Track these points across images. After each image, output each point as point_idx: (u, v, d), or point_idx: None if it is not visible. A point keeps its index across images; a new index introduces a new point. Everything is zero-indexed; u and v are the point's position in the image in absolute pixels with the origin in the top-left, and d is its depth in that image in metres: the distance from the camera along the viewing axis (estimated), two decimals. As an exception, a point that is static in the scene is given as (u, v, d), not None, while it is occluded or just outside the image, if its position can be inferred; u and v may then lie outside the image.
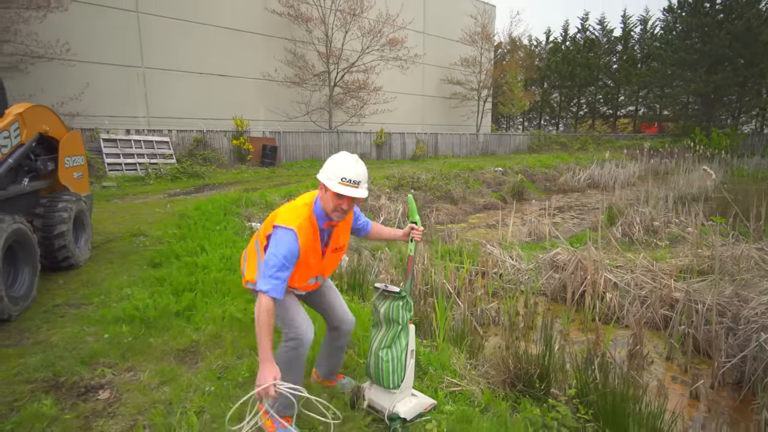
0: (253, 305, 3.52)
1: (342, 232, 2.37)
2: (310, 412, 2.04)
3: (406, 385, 2.31)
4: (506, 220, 13.18)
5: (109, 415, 2.36)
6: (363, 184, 2.15)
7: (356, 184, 2.11)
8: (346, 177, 2.08)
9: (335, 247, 2.37)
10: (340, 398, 2.49)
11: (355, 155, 2.21)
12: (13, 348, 3.07)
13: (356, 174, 2.11)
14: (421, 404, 2.37)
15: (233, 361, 2.86)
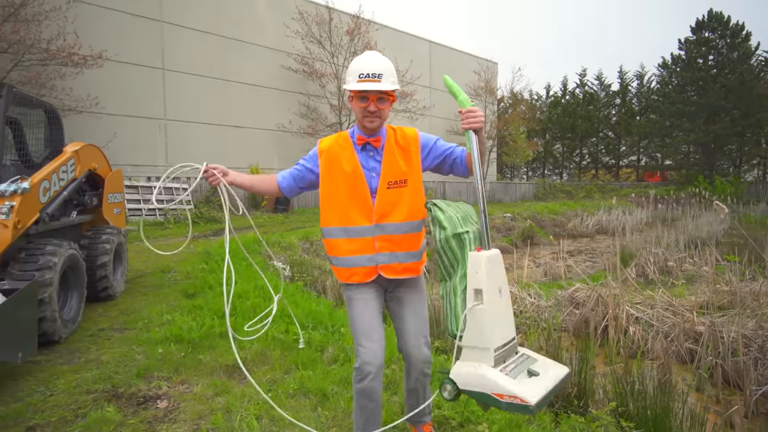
0: (294, 328, 3.65)
1: (397, 160, 1.89)
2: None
3: (471, 340, 1.59)
4: (519, 262, 13.25)
5: (171, 421, 2.46)
6: (387, 77, 1.82)
7: (377, 77, 1.80)
8: (363, 72, 1.81)
9: (392, 181, 1.87)
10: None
11: (375, 51, 1.95)
12: (67, 365, 3.19)
13: (374, 67, 1.81)
14: (495, 384, 1.49)
15: (281, 376, 2.97)
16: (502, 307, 1.64)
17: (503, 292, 1.65)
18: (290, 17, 19.24)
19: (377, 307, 1.94)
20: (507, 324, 1.66)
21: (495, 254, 1.67)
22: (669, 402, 2.81)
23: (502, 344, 1.60)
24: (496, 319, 1.59)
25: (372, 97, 1.82)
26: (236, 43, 18.78)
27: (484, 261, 1.58)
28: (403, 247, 1.89)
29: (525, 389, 1.46)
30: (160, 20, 16.94)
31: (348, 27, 19.55)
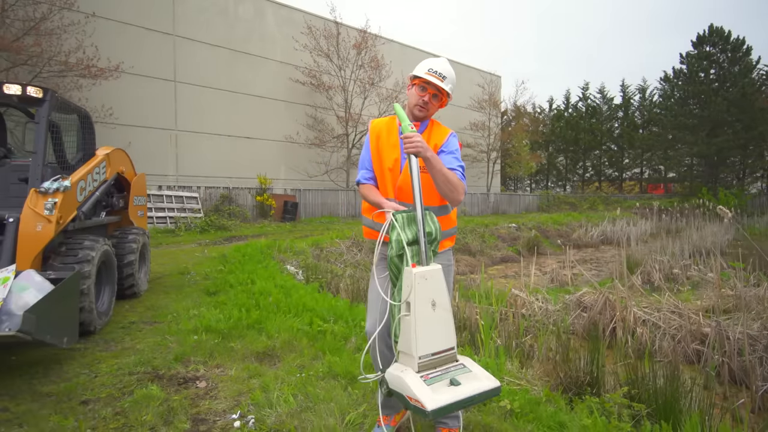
0: (317, 320, 3.84)
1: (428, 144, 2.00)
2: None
3: (402, 346, 1.75)
4: (525, 270, 13.39)
5: (212, 398, 2.63)
6: (448, 81, 2.05)
7: (442, 77, 2.03)
8: (433, 68, 2.03)
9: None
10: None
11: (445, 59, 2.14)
12: (106, 352, 3.37)
13: (443, 68, 2.05)
14: (408, 387, 1.63)
15: (310, 362, 3.14)
16: (434, 319, 1.74)
17: (438, 306, 1.76)
18: (299, 32, 19.70)
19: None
20: (440, 335, 1.76)
21: (429, 270, 1.77)
22: (678, 389, 2.96)
23: (431, 353, 1.72)
24: (425, 329, 1.71)
25: (430, 90, 2.03)
26: (246, 57, 19.21)
27: (415, 277, 1.71)
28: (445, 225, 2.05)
29: (428, 396, 1.58)
30: (173, 34, 17.39)
31: (355, 41, 19.97)
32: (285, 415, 2.37)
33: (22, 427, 2.26)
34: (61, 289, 3.01)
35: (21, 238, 3.41)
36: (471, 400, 1.67)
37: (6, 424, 2.28)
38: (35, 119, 3.92)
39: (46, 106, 3.86)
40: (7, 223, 3.47)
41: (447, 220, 2.14)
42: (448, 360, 1.77)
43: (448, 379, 1.69)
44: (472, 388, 1.67)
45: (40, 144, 3.83)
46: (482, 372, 1.77)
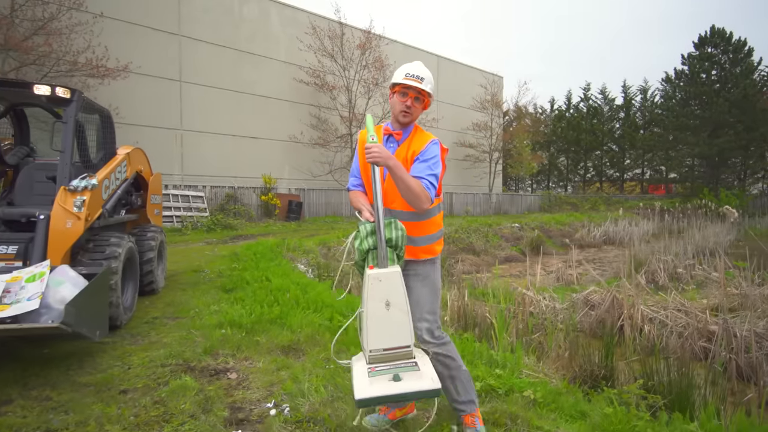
0: (337, 315, 3.94)
1: (408, 155, 2.14)
2: None
3: (361, 338, 1.93)
4: (530, 269, 13.48)
5: (244, 388, 2.73)
6: (427, 82, 2.14)
7: (420, 79, 2.13)
8: (410, 72, 2.14)
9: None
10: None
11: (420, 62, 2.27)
12: (134, 346, 3.47)
13: (419, 71, 2.16)
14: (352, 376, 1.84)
15: (336, 354, 3.24)
16: (387, 318, 1.86)
17: (392, 306, 1.87)
18: (303, 32, 19.79)
19: None
20: (393, 333, 1.88)
21: (384, 273, 1.89)
22: (692, 383, 3.06)
23: (382, 348, 1.86)
24: (376, 326, 1.85)
25: (411, 94, 2.12)
26: (250, 57, 19.31)
27: (369, 278, 1.87)
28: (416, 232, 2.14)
29: (361, 386, 1.75)
30: (179, 34, 17.49)
31: (360, 41, 20.07)
32: (318, 403, 2.47)
33: (68, 414, 2.36)
34: (94, 284, 3.11)
35: (52, 234, 3.51)
36: (404, 396, 1.80)
37: (53, 412, 2.38)
38: (63, 119, 4.02)
39: (73, 106, 3.96)
40: (38, 220, 3.57)
41: (424, 226, 2.17)
42: (401, 356, 1.88)
43: (392, 374, 1.80)
44: (409, 386, 1.77)
45: (67, 143, 3.93)
46: (429, 372, 1.85)
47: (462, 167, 29.04)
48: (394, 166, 1.93)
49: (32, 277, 3.01)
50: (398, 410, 2.34)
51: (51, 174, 4.47)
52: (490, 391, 2.69)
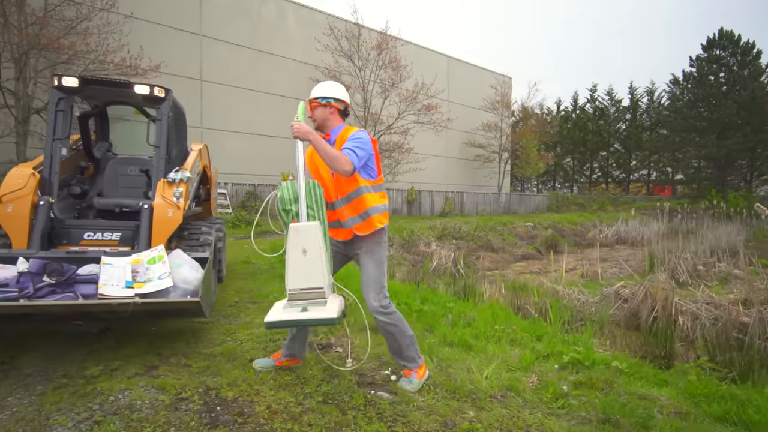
0: (408, 300, 4.23)
1: (339, 147, 2.53)
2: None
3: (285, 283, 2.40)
4: (548, 267, 13.80)
5: (355, 359, 3.04)
6: (312, 93, 2.68)
7: (316, 95, 2.66)
8: (312, 95, 2.70)
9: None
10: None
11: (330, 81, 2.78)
12: (233, 325, 3.78)
13: (317, 91, 2.68)
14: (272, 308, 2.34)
15: (422, 333, 3.55)
16: (304, 263, 2.31)
17: (308, 253, 2.31)
18: (320, 32, 20.10)
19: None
20: (308, 275, 2.31)
21: (304, 225, 2.35)
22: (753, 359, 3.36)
23: (299, 288, 2.31)
24: (294, 269, 2.33)
25: (309, 107, 2.68)
26: (268, 56, 19.62)
27: (291, 230, 2.34)
28: (355, 211, 2.59)
29: (274, 314, 2.28)
30: (200, 34, 17.81)
31: (377, 42, 20.38)
32: (432, 370, 2.78)
33: (216, 377, 2.67)
34: (209, 267, 3.42)
35: (156, 223, 3.82)
36: (303, 322, 2.28)
37: (199, 375, 2.68)
38: (157, 116, 4.32)
39: (166, 104, 4.27)
40: (143, 209, 3.87)
41: (357, 205, 2.58)
42: (316, 296, 2.33)
43: (301, 307, 2.27)
44: (310, 315, 2.23)
45: (162, 139, 4.23)
46: (333, 308, 2.28)
47: (472, 167, 29.35)
48: (314, 140, 2.37)
49: (152, 259, 3.31)
50: (285, 360, 2.82)
51: (136, 168, 4.80)
52: (577, 363, 2.99)
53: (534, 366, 2.94)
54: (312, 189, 2.49)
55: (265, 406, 2.31)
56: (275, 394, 2.46)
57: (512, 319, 4.07)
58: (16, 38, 11.37)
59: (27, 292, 2.73)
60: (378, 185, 2.68)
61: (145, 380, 2.57)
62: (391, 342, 2.66)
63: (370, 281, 2.58)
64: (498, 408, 2.40)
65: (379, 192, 2.69)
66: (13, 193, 3.53)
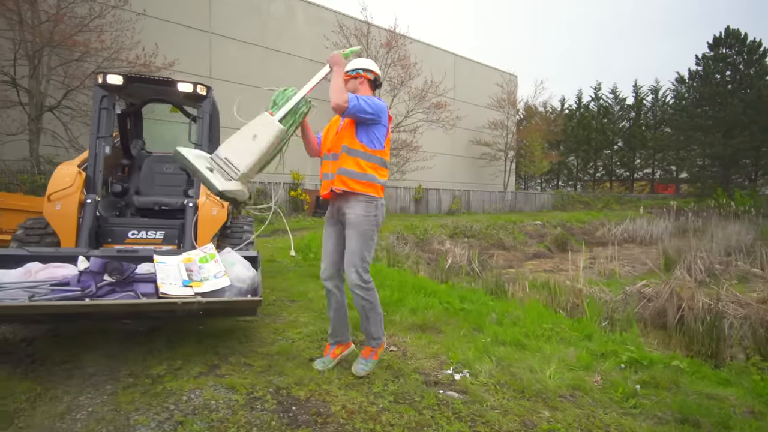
0: (449, 299, 4.23)
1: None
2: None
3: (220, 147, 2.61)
4: (561, 265, 13.79)
5: (412, 358, 3.03)
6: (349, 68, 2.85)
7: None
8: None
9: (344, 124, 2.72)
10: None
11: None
12: (278, 324, 3.76)
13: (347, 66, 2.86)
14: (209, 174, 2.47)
15: (470, 332, 3.54)
16: (245, 143, 2.51)
17: (256, 140, 2.51)
18: (329, 30, 20.06)
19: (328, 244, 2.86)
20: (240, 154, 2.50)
21: (270, 119, 2.56)
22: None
23: (224, 157, 2.49)
24: (236, 141, 2.53)
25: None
26: (277, 54, 19.59)
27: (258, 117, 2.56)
28: (332, 168, 2.73)
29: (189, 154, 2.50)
30: (209, 31, 17.77)
31: (386, 39, 20.35)
32: (493, 370, 2.77)
33: (281, 376, 2.66)
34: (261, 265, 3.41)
35: (201, 221, 3.81)
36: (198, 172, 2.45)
37: (263, 375, 2.67)
38: (198, 114, 4.31)
39: (208, 102, 4.26)
40: (187, 208, 3.86)
41: (360, 164, 2.65)
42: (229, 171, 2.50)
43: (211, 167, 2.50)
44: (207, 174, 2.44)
45: (204, 136, 4.22)
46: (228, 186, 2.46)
47: (478, 165, 29.32)
48: (336, 71, 2.61)
49: (204, 258, 3.30)
50: (338, 347, 2.87)
51: (171, 166, 4.78)
52: (635, 362, 2.99)
53: (593, 365, 2.93)
54: (301, 104, 2.71)
55: (340, 406, 2.31)
56: (346, 394, 2.45)
57: (558, 318, 4.06)
58: (30, 36, 11.34)
59: (89, 291, 2.71)
60: (376, 156, 2.69)
61: (213, 380, 2.56)
62: (362, 317, 2.71)
63: (352, 254, 2.61)
64: (571, 408, 2.39)
65: (374, 163, 2.69)
66: (61, 192, 3.53)
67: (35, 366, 2.72)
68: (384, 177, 2.77)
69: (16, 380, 2.49)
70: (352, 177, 2.64)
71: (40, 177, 11.67)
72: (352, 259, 2.61)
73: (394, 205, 21.70)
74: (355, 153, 2.64)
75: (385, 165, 2.76)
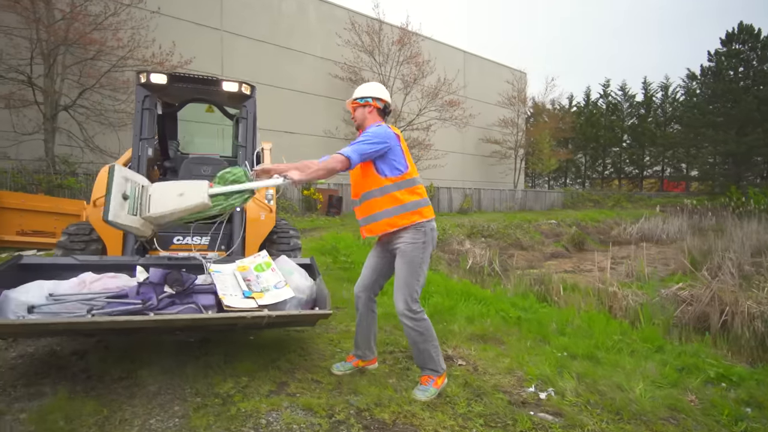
0: (505, 306, 4.06)
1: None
2: None
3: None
4: (580, 265, 13.59)
5: (485, 374, 2.86)
6: (353, 95, 2.78)
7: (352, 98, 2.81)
8: (353, 96, 2.82)
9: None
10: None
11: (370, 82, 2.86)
12: (330, 334, 3.60)
13: (356, 92, 2.78)
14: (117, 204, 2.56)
15: (536, 343, 3.37)
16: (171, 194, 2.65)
17: (182, 198, 2.62)
18: (341, 27, 19.88)
19: (371, 262, 2.80)
20: (161, 199, 2.65)
21: (202, 188, 2.64)
22: None
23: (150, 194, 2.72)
24: (164, 189, 2.71)
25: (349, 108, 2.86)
26: (288, 52, 19.42)
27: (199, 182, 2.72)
28: (364, 213, 2.65)
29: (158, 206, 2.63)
30: (221, 29, 17.61)
31: (398, 37, 20.16)
32: (578, 388, 2.60)
33: (356, 395, 2.49)
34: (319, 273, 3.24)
35: (249, 226, 3.65)
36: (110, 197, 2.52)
37: (337, 393, 2.51)
38: (242, 114, 4.14)
39: (252, 101, 4.09)
40: (235, 212, 3.70)
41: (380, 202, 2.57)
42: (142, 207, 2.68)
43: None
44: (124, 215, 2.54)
45: (249, 137, 4.06)
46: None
47: (488, 164, 29.10)
48: (301, 174, 2.47)
49: (259, 266, 3.12)
50: (360, 361, 2.83)
51: (209, 168, 4.62)
52: (722, 378, 2.81)
53: (680, 382, 2.76)
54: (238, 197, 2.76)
55: (431, 431, 2.14)
56: (432, 416, 2.28)
57: (622, 326, 3.88)
58: (45, 34, 11.20)
59: (151, 304, 2.55)
60: (405, 180, 2.56)
61: (286, 400, 2.40)
62: (414, 348, 2.58)
63: (400, 283, 2.53)
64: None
65: (408, 187, 2.57)
66: (107, 196, 3.36)
67: (93, 382, 2.57)
68: (423, 195, 2.64)
69: (79, 400, 2.34)
70: (396, 214, 2.55)
71: (56, 177, 11.55)
72: (400, 288, 2.53)
73: (406, 204, 21.50)
74: (386, 189, 2.55)
75: (416, 182, 2.63)
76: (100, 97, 12.51)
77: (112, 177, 2.51)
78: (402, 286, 2.52)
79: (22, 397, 2.38)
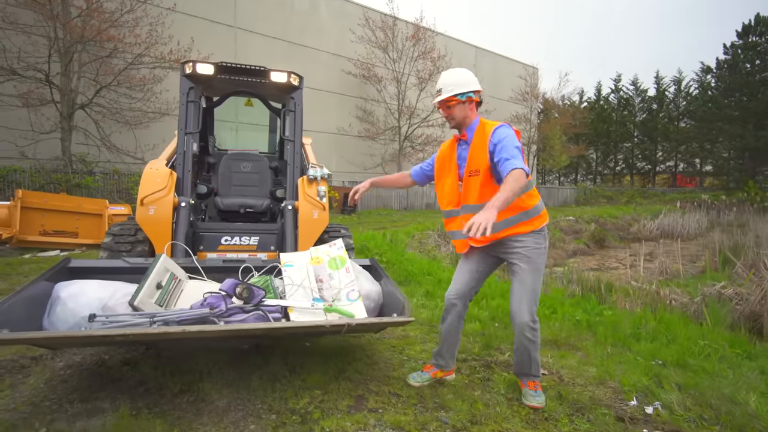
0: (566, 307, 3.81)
1: (476, 152, 2.30)
2: None
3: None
4: (604, 263, 13.30)
5: (573, 384, 2.62)
6: (444, 90, 2.37)
7: (439, 92, 2.40)
8: (435, 90, 2.46)
9: (470, 170, 2.32)
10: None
11: (447, 70, 2.51)
12: (392, 339, 3.37)
13: (437, 85, 2.43)
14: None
15: (617, 350, 3.13)
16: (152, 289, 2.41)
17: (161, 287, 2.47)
18: (354, 23, 19.65)
19: (469, 266, 2.49)
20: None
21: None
22: None
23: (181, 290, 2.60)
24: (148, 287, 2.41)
25: (439, 107, 2.42)
26: (301, 48, 19.21)
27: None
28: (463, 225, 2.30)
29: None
30: (234, 26, 17.43)
31: (412, 32, 19.90)
32: (685, 401, 2.36)
33: (442, 410, 2.27)
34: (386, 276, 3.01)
35: (302, 225, 3.43)
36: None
37: (422, 409, 2.29)
38: (289, 107, 3.92)
39: (299, 93, 3.87)
40: (286, 211, 3.48)
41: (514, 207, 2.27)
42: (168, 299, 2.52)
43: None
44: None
45: (298, 131, 3.84)
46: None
47: (501, 160, 28.81)
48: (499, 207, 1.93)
49: (333, 262, 2.85)
50: (439, 371, 2.60)
51: (249, 164, 4.41)
52: None
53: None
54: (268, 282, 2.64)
55: (544, 453, 1.91)
56: (536, 435, 2.05)
57: (703, 330, 3.63)
58: (61, 32, 11.06)
59: (218, 311, 2.34)
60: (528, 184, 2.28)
61: (371, 417, 2.18)
62: (525, 357, 2.36)
63: (525, 291, 2.27)
64: (818, 454, 1.98)
65: (529, 191, 2.34)
66: (154, 195, 3.16)
67: (153, 397, 2.36)
68: (539, 196, 2.40)
69: (144, 418, 2.13)
70: (519, 221, 2.31)
71: (74, 176, 11.42)
72: (526, 296, 2.28)
73: (420, 202, 21.27)
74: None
75: (533, 183, 2.38)
76: (116, 96, 12.37)
77: (155, 264, 2.43)
78: (528, 294, 2.28)
79: (80, 414, 2.18)
